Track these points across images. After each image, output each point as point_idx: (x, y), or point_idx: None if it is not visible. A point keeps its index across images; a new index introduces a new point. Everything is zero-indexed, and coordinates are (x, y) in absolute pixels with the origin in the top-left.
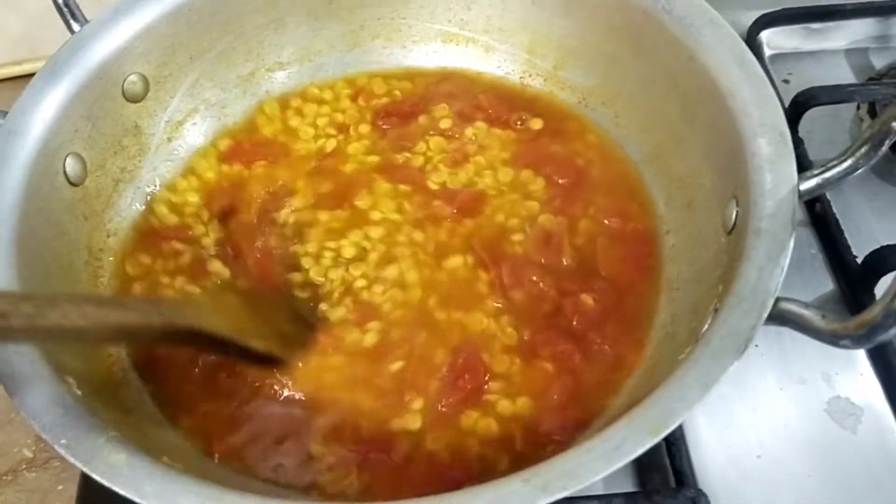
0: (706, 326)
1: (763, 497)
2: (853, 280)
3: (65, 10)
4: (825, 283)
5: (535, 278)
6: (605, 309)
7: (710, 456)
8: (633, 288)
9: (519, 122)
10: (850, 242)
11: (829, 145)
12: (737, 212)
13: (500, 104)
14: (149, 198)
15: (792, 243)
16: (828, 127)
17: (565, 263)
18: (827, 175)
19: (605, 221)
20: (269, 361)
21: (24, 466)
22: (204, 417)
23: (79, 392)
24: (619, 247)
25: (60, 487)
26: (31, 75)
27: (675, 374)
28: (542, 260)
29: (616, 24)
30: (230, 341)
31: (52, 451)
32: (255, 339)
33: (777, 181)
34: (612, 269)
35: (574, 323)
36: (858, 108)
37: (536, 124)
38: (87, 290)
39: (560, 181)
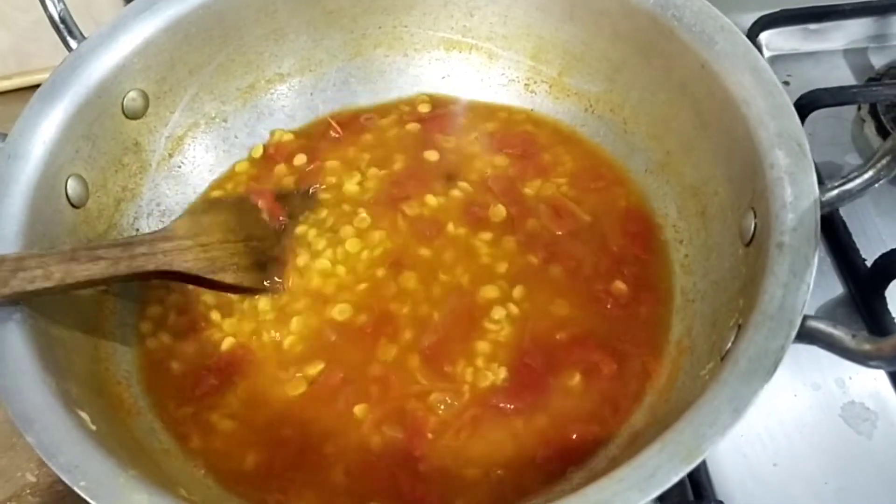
0: (729, 343)
1: None
2: (863, 284)
3: (61, 26)
4: (834, 288)
5: None
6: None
7: (727, 466)
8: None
9: None
10: (857, 246)
11: (833, 147)
12: (755, 223)
13: None
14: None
15: (816, 259)
16: (830, 128)
17: None
18: (847, 187)
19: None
20: (239, 290)
21: (27, 491)
22: (210, 438)
23: (93, 427)
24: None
25: None
26: (21, 90)
27: (705, 397)
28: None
29: (622, 30)
30: (199, 276)
31: (55, 475)
32: (225, 270)
33: (797, 193)
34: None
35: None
36: (859, 108)
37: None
38: (93, 315)
39: None
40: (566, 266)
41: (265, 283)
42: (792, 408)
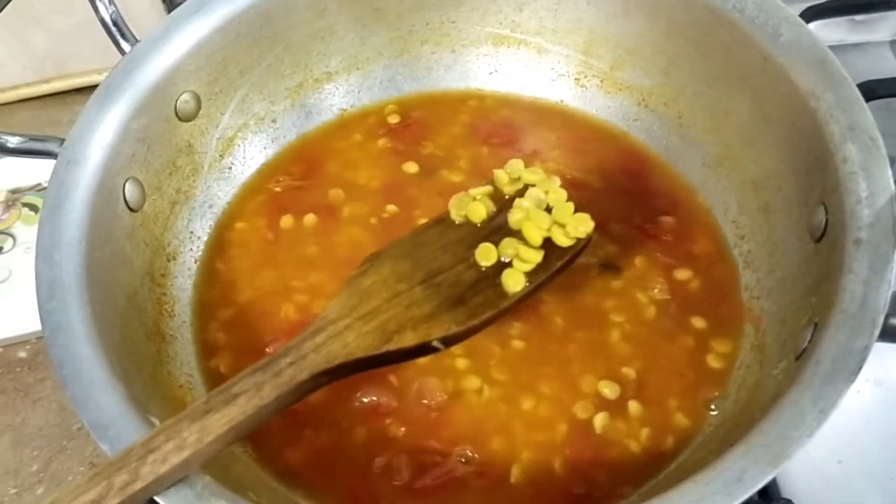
0: (806, 342)
1: (848, 502)
2: None
3: (114, 29)
4: None
5: None
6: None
7: (792, 464)
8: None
9: None
10: None
11: (887, 139)
12: (826, 219)
13: None
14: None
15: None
16: (880, 120)
17: None
18: None
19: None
20: (432, 349)
21: None
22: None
23: None
24: None
25: None
26: (59, 94)
27: (788, 398)
28: None
29: (679, 22)
30: (370, 357)
31: None
32: (402, 331)
33: (873, 189)
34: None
35: None
36: None
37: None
38: (152, 320)
39: None
40: None
41: (470, 316)
42: (855, 404)
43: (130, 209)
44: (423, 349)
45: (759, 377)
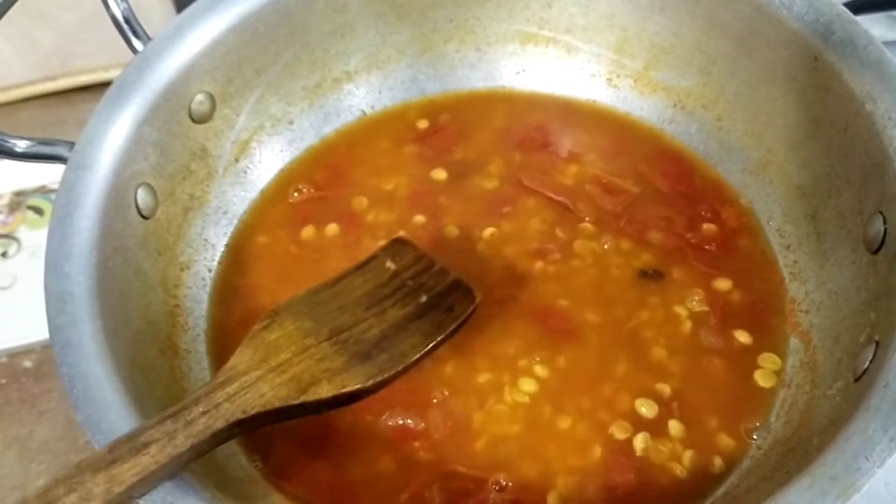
0: (867, 363)
1: None
2: None
3: (125, 27)
4: None
5: None
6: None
7: None
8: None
9: None
10: None
11: None
12: (885, 229)
13: None
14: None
15: None
16: None
17: None
18: None
19: None
20: (348, 399)
21: None
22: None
23: None
24: None
25: None
26: (65, 92)
27: (853, 424)
28: None
29: (721, 20)
30: (287, 407)
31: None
32: (318, 383)
33: None
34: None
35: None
36: None
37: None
38: (166, 333)
39: None
40: None
41: (379, 371)
42: None
43: (143, 216)
44: (339, 399)
45: (810, 397)
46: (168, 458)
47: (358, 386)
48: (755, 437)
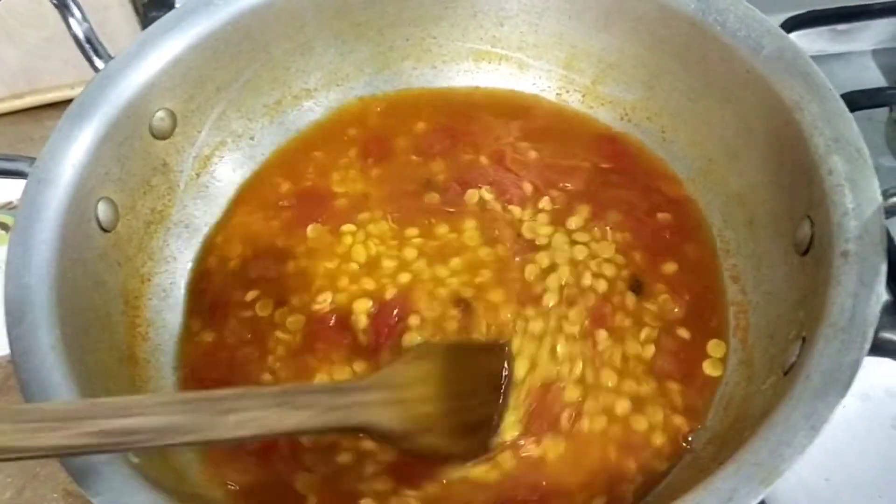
0: (794, 357)
1: None
2: None
3: (87, 46)
4: None
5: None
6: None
7: (780, 483)
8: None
9: None
10: None
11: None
12: (812, 232)
13: None
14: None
15: (885, 267)
16: (863, 131)
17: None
18: None
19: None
20: (438, 456)
21: None
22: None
23: (135, 460)
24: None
25: None
26: (32, 109)
27: (778, 415)
28: None
29: (661, 36)
30: (400, 439)
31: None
32: (430, 433)
33: (859, 200)
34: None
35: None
36: (891, 109)
37: None
38: (125, 343)
39: None
40: None
41: (474, 450)
42: (841, 420)
43: (103, 229)
44: (435, 454)
45: (746, 393)
46: (314, 426)
47: (454, 451)
48: (690, 438)
